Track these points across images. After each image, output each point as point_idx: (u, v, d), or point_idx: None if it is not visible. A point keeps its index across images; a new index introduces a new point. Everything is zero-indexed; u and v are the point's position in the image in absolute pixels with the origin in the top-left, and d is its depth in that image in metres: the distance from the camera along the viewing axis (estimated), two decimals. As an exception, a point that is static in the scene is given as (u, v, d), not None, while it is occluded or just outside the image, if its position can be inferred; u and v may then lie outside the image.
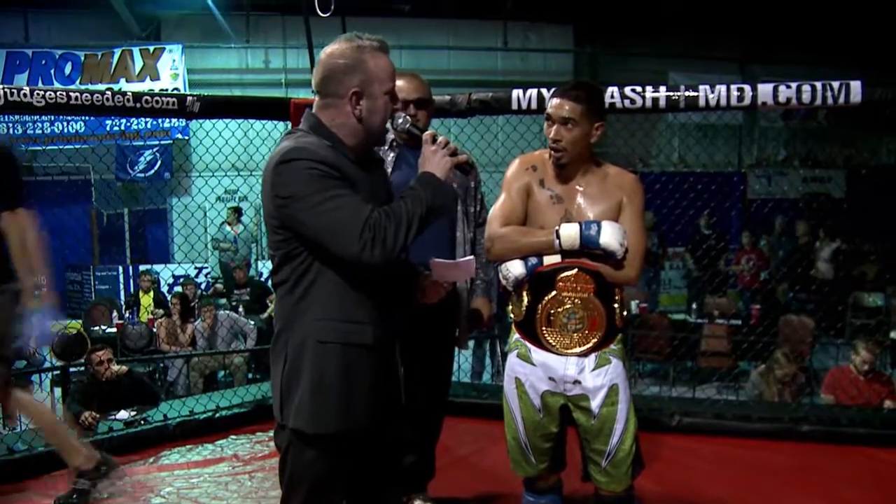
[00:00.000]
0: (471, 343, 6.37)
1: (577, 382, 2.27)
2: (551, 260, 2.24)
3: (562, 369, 2.27)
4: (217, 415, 4.10)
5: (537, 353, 2.30)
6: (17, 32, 10.79)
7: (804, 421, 3.85)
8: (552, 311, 2.25)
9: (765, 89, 3.52)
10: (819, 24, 10.65)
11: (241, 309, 7.78)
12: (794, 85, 3.50)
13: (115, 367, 4.59)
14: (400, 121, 1.99)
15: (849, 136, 12.88)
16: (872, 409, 4.30)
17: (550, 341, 2.27)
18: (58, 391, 5.48)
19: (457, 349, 3.00)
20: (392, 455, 2.03)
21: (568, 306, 2.24)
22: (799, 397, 5.03)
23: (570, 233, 2.19)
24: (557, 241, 2.20)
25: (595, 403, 2.28)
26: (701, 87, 3.60)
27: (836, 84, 3.46)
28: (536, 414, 2.34)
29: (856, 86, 3.45)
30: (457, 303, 2.83)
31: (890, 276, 8.70)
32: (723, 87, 3.56)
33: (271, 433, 3.91)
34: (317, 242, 1.73)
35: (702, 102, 3.60)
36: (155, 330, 7.09)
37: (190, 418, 4.05)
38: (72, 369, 5.14)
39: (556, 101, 2.23)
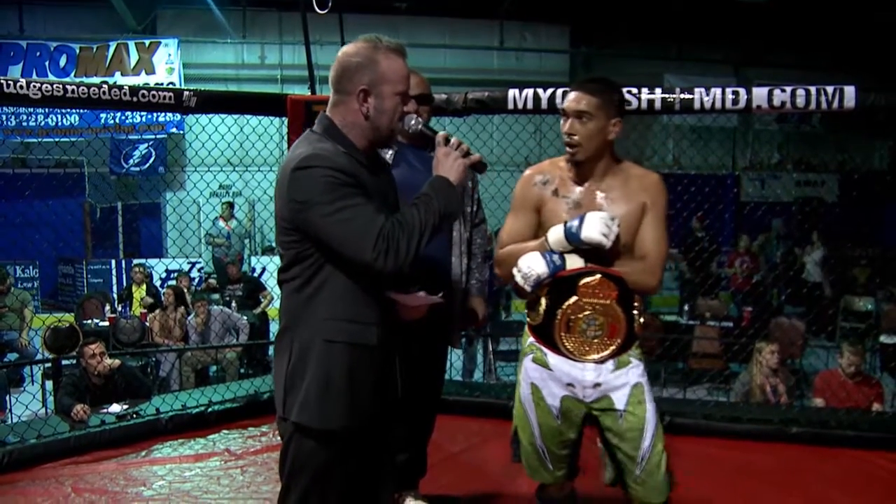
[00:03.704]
0: (462, 341, 6.37)
1: (596, 386, 2.19)
2: (574, 264, 2.14)
3: (579, 374, 2.19)
4: (209, 409, 4.11)
5: (554, 358, 2.22)
6: (11, 24, 10.76)
7: (793, 423, 3.88)
8: (572, 317, 2.16)
9: (760, 93, 3.56)
10: (813, 29, 10.72)
11: (233, 304, 7.77)
12: (788, 89, 3.54)
13: (108, 361, 4.58)
14: (412, 122, 1.97)
15: (842, 140, 12.98)
16: (861, 412, 4.33)
17: (569, 347, 2.18)
18: (49, 384, 5.46)
19: (449, 347, 3.01)
20: (386, 451, 2.04)
21: (588, 312, 2.15)
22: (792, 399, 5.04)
23: (556, 235, 2.11)
24: (548, 245, 2.14)
25: (619, 402, 2.19)
26: (696, 90, 3.63)
27: (830, 89, 3.50)
28: (554, 420, 2.25)
29: (849, 91, 3.49)
30: (450, 301, 2.84)
31: (880, 280, 8.74)
32: (718, 90, 3.59)
33: (263, 428, 3.97)
34: (330, 248, 1.76)
35: (697, 105, 3.64)
36: (147, 324, 7.07)
37: (182, 413, 4.06)
38: (64, 362, 5.13)
39: (572, 94, 2.13)
